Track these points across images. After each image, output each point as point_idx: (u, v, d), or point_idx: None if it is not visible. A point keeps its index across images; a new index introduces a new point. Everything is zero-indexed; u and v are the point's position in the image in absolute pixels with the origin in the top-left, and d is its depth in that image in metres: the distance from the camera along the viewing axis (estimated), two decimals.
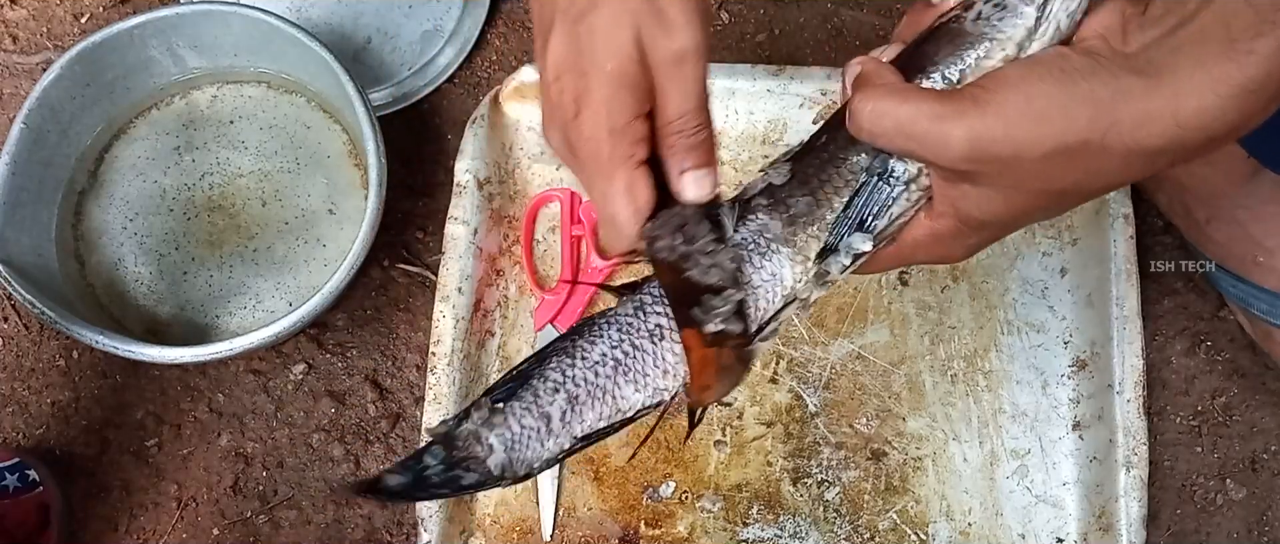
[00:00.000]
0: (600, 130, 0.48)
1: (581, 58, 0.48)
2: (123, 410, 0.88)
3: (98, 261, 0.89)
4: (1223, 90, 0.40)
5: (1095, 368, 0.81)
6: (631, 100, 0.48)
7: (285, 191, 0.90)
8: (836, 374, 0.83)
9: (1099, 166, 0.42)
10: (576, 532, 0.81)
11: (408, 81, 0.95)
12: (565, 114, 0.49)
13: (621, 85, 0.48)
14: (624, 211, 0.49)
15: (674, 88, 0.48)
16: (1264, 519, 0.84)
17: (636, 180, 0.49)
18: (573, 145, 0.50)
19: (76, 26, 1.00)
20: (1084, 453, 0.80)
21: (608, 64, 0.47)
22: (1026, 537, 0.80)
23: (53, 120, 0.85)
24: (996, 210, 0.46)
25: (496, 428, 0.51)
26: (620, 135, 0.48)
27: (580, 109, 0.48)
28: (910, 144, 0.45)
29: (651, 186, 0.50)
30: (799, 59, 0.96)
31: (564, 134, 0.50)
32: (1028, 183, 0.44)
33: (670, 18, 0.48)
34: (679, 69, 0.48)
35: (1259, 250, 0.82)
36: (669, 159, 0.50)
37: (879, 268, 0.52)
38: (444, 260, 0.81)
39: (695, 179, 0.50)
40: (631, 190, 0.49)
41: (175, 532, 0.86)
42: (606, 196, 0.50)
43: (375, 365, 0.89)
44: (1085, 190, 0.44)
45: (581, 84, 0.48)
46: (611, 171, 0.49)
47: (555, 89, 0.49)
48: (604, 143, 0.48)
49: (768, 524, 0.80)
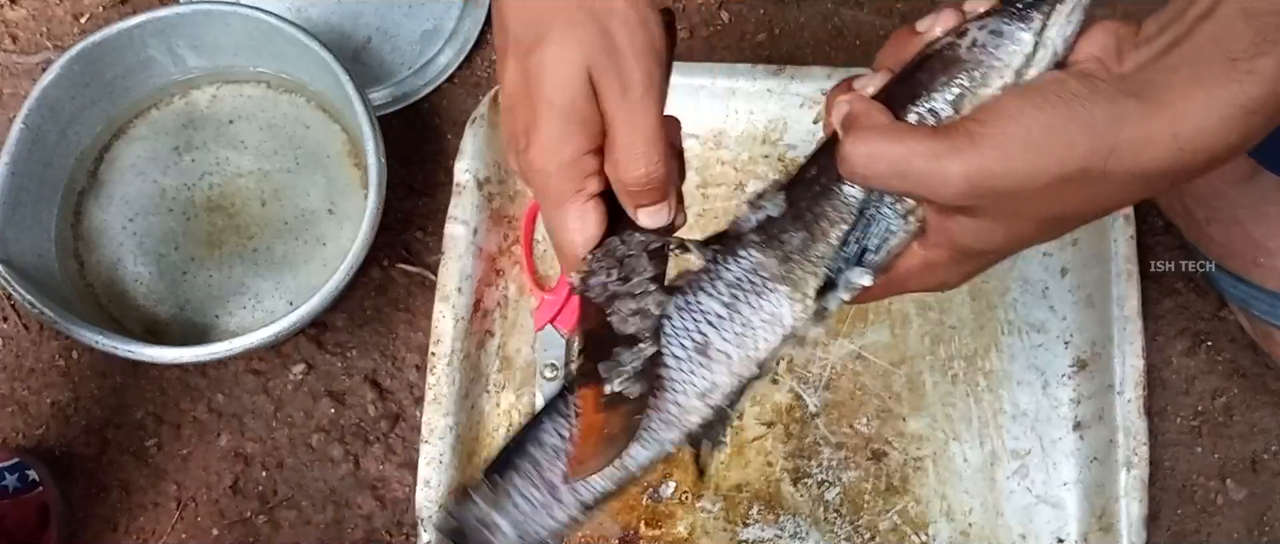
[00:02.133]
0: (549, 164, 0.48)
1: (532, 90, 0.48)
2: (122, 410, 0.88)
3: (98, 261, 0.89)
4: (1224, 111, 0.39)
5: (1096, 368, 0.81)
6: (580, 136, 0.48)
7: (285, 191, 0.90)
8: (837, 374, 0.83)
9: (1100, 192, 0.42)
10: (576, 532, 0.81)
11: (407, 81, 0.95)
12: (518, 144, 0.49)
13: (570, 120, 0.47)
14: (573, 240, 0.50)
15: (625, 126, 0.48)
16: (1264, 519, 0.84)
17: (587, 213, 0.49)
18: (525, 173, 0.50)
19: (76, 26, 1.00)
20: (1084, 453, 0.80)
21: (556, 98, 0.47)
22: (1027, 537, 0.80)
23: (53, 120, 0.85)
24: (996, 240, 0.45)
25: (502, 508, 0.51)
26: (569, 169, 0.48)
27: (530, 142, 0.48)
28: (907, 184, 0.43)
29: (602, 218, 0.50)
30: (799, 59, 0.96)
31: (518, 161, 0.50)
32: (1027, 212, 0.43)
33: (621, 52, 0.47)
34: (630, 106, 0.48)
35: (1259, 251, 0.81)
36: (621, 196, 0.50)
37: (871, 299, 0.51)
38: (444, 260, 0.81)
39: (649, 214, 0.50)
40: (580, 222, 0.50)
41: (175, 532, 0.86)
42: (558, 226, 0.50)
43: (375, 365, 0.89)
44: (1084, 215, 0.44)
45: (531, 117, 0.48)
46: (560, 204, 0.49)
47: (508, 120, 0.49)
48: (553, 177, 0.48)
49: (768, 524, 0.80)
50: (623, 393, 0.50)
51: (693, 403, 0.51)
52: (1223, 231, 0.83)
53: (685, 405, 0.51)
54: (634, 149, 0.48)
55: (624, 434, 0.51)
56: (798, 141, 0.87)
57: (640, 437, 0.51)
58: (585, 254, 0.50)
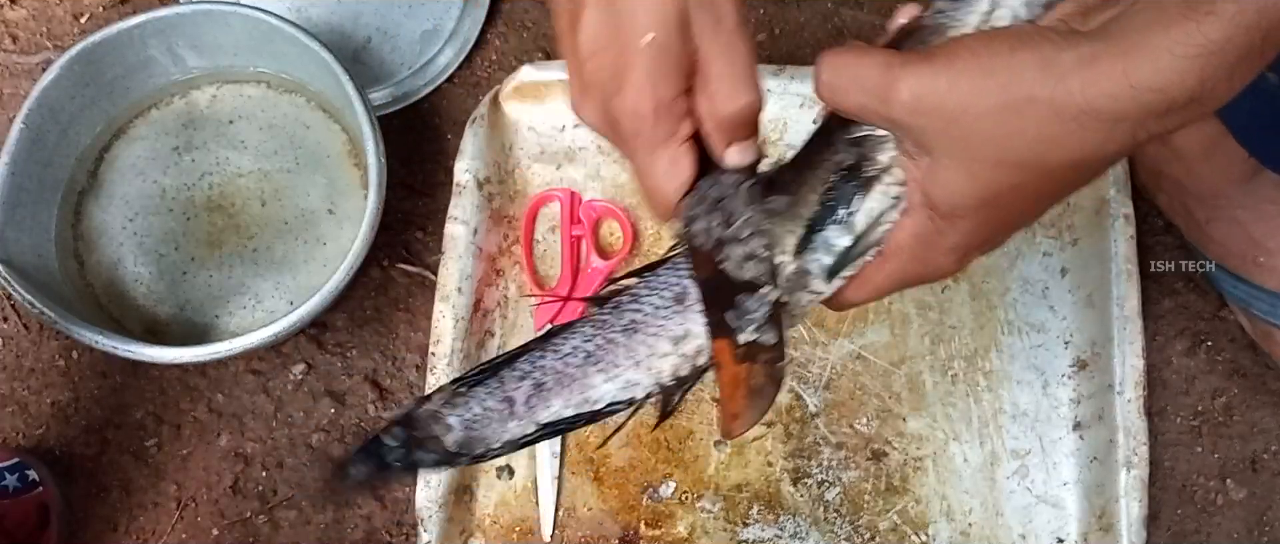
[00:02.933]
0: (645, 106, 0.47)
1: (621, 31, 0.46)
2: (123, 410, 0.88)
3: (98, 261, 0.89)
4: (1179, 51, 0.38)
5: (1096, 368, 0.81)
6: (676, 75, 0.47)
7: (285, 191, 0.90)
8: (837, 374, 0.83)
9: (1052, 133, 0.41)
10: (576, 532, 0.81)
11: (408, 81, 0.95)
12: (605, 90, 0.48)
13: (666, 60, 0.46)
14: (667, 186, 0.49)
15: (722, 59, 0.47)
16: (1264, 519, 0.84)
17: (680, 156, 0.48)
18: (615, 121, 0.48)
19: (76, 26, 1.00)
20: (1084, 453, 0.80)
21: (649, 36, 0.46)
22: (1027, 537, 0.80)
23: (53, 120, 0.85)
24: (962, 190, 0.45)
25: (457, 408, 0.51)
26: (666, 111, 0.47)
27: (622, 84, 0.47)
28: (862, 97, 0.45)
29: (696, 160, 0.49)
30: (799, 59, 0.96)
31: (604, 110, 0.48)
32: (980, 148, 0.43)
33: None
34: (727, 38, 0.47)
35: (1259, 250, 0.81)
36: (713, 133, 0.49)
37: (874, 288, 0.51)
38: (444, 260, 0.81)
39: (740, 150, 0.49)
40: (675, 166, 0.49)
41: (175, 532, 0.86)
42: (649, 172, 0.49)
43: (375, 365, 0.89)
44: (1048, 166, 0.43)
45: (622, 59, 0.47)
46: (655, 147, 0.48)
47: (592, 65, 0.47)
48: (648, 120, 0.47)
49: (768, 524, 0.80)
50: (758, 341, 0.50)
51: (664, 346, 0.51)
52: (1223, 231, 0.83)
53: (656, 348, 0.51)
54: (735, 81, 0.47)
55: (771, 382, 0.51)
56: (797, 141, 0.86)
57: (606, 372, 0.51)
58: (678, 199, 0.50)
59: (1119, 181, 0.81)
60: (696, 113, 0.48)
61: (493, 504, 0.81)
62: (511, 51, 0.98)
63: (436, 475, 0.77)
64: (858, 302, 0.52)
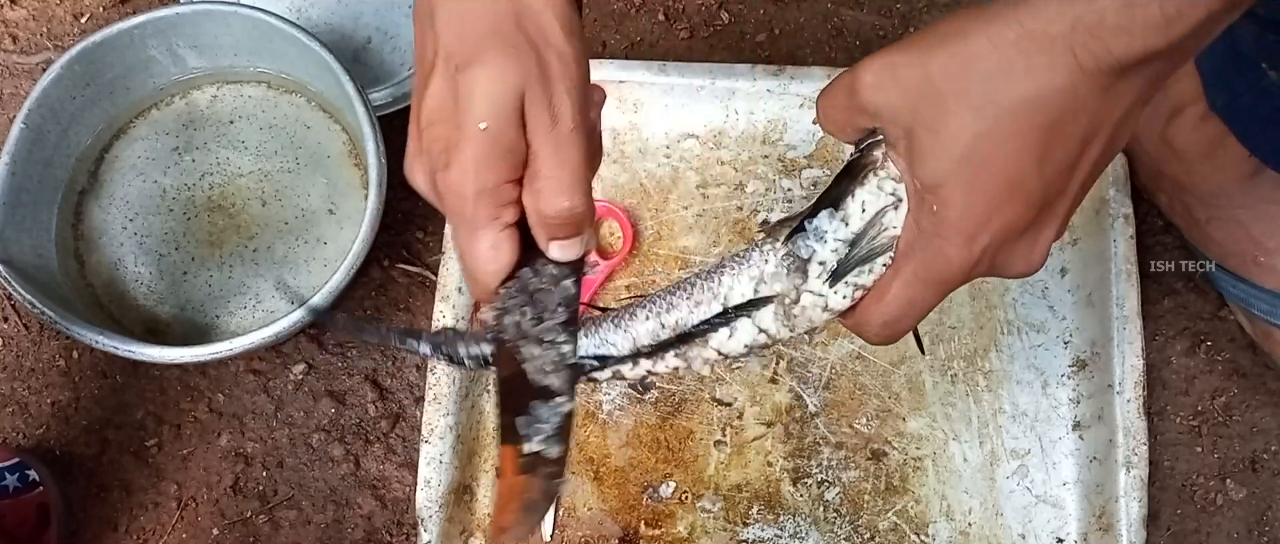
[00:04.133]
0: (468, 188, 0.47)
1: (458, 110, 0.47)
2: (123, 410, 0.88)
3: (98, 261, 0.89)
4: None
5: (1095, 368, 0.81)
6: (503, 164, 0.47)
7: (285, 191, 0.90)
8: (836, 374, 0.83)
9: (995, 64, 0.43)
10: (576, 532, 0.81)
11: (408, 81, 0.95)
12: (434, 163, 0.48)
13: (496, 147, 0.46)
14: (484, 268, 0.49)
15: (552, 160, 0.47)
16: (1264, 519, 0.84)
17: (500, 242, 0.49)
18: (440, 194, 0.49)
19: (76, 26, 1.00)
20: (1084, 453, 0.80)
21: (484, 122, 0.46)
22: (1026, 537, 0.80)
23: (53, 120, 0.85)
24: (936, 151, 0.45)
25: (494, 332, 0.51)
26: (488, 197, 0.47)
27: (450, 162, 0.47)
28: (840, 104, 0.47)
29: (516, 247, 0.49)
30: (799, 59, 0.96)
31: (431, 181, 0.49)
32: (940, 103, 0.44)
33: (555, 84, 0.47)
34: (560, 140, 0.47)
35: (1259, 250, 0.82)
36: (537, 228, 0.49)
37: (893, 299, 0.49)
38: (444, 260, 0.81)
39: (563, 247, 0.50)
40: (494, 250, 0.49)
41: (175, 532, 0.86)
42: (467, 251, 0.49)
43: (375, 365, 0.89)
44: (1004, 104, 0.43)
45: (454, 137, 0.47)
46: (474, 230, 0.48)
47: (428, 135, 0.48)
48: (470, 202, 0.47)
49: (768, 524, 0.80)
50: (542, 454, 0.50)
51: (648, 327, 0.52)
52: (1223, 231, 0.83)
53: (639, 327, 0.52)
54: (560, 183, 0.47)
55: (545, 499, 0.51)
56: (797, 141, 0.87)
57: (591, 332, 0.52)
58: (497, 283, 0.50)
59: (1119, 181, 0.81)
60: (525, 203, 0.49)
61: (493, 504, 0.82)
62: None
63: (436, 475, 0.77)
64: (883, 320, 0.50)
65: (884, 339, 0.51)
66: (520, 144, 0.47)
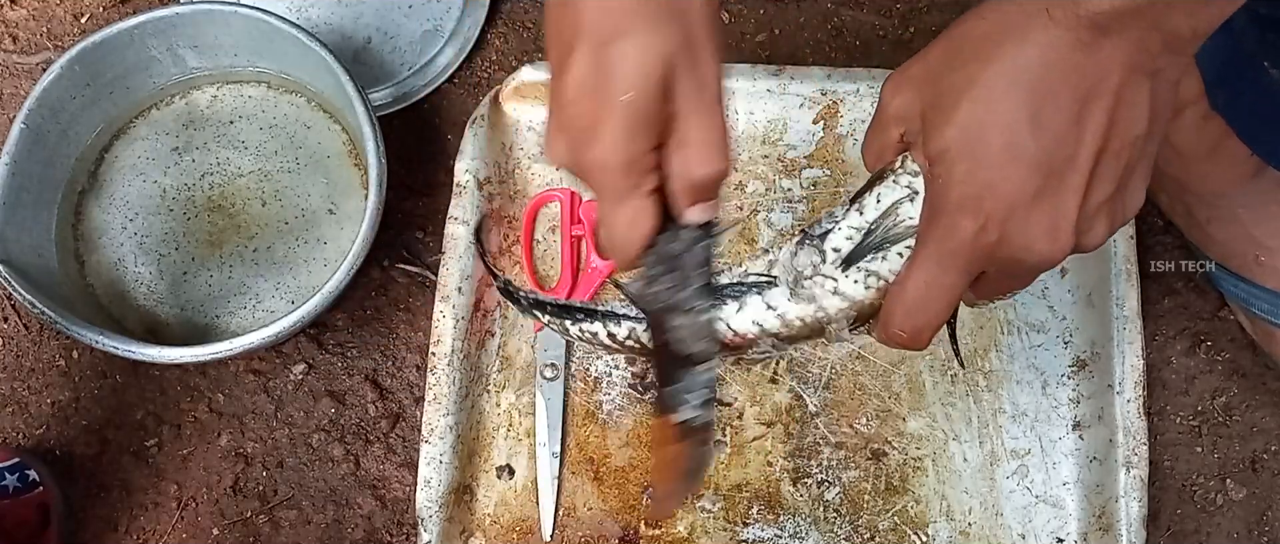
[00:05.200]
0: (615, 159, 0.48)
1: (604, 83, 0.47)
2: (123, 410, 0.88)
3: (98, 261, 0.89)
4: None
5: (1095, 368, 0.81)
6: (649, 133, 0.48)
7: (285, 191, 0.90)
8: (836, 374, 0.83)
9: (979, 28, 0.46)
10: (576, 532, 0.81)
11: (408, 81, 0.95)
12: (580, 138, 0.48)
13: (642, 117, 0.47)
14: (628, 237, 0.50)
15: (700, 126, 0.48)
16: (1264, 519, 0.84)
17: (643, 209, 0.50)
18: (584, 168, 0.49)
19: (76, 26, 1.00)
20: (1084, 453, 0.80)
21: (629, 93, 0.47)
22: (1026, 537, 0.80)
23: (53, 120, 0.85)
24: (937, 120, 0.47)
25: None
26: (634, 166, 0.48)
27: (596, 136, 0.48)
28: (872, 122, 0.51)
29: (659, 214, 0.50)
30: (799, 59, 0.96)
31: (575, 155, 0.49)
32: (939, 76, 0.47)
33: (700, 52, 0.48)
34: (708, 106, 0.48)
35: (1260, 250, 0.81)
36: (680, 192, 0.50)
37: (912, 289, 0.50)
38: (444, 260, 0.81)
39: (702, 210, 0.51)
40: (638, 218, 0.50)
41: (175, 532, 0.86)
42: (612, 221, 0.50)
43: (375, 365, 0.89)
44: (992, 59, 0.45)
45: (601, 111, 0.47)
46: (620, 198, 0.49)
47: (571, 110, 0.48)
48: (617, 172, 0.48)
49: (768, 524, 0.80)
50: (693, 421, 0.51)
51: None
52: (1223, 230, 0.83)
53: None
54: (709, 147, 0.48)
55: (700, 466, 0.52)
56: (798, 141, 0.87)
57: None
58: (639, 251, 0.51)
59: None
60: (665, 168, 0.50)
61: (493, 504, 0.82)
62: (511, 51, 0.98)
63: (436, 475, 0.77)
64: (904, 309, 0.50)
65: (910, 334, 0.51)
66: (663, 114, 0.48)
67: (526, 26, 0.98)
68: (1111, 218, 0.48)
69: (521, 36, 0.98)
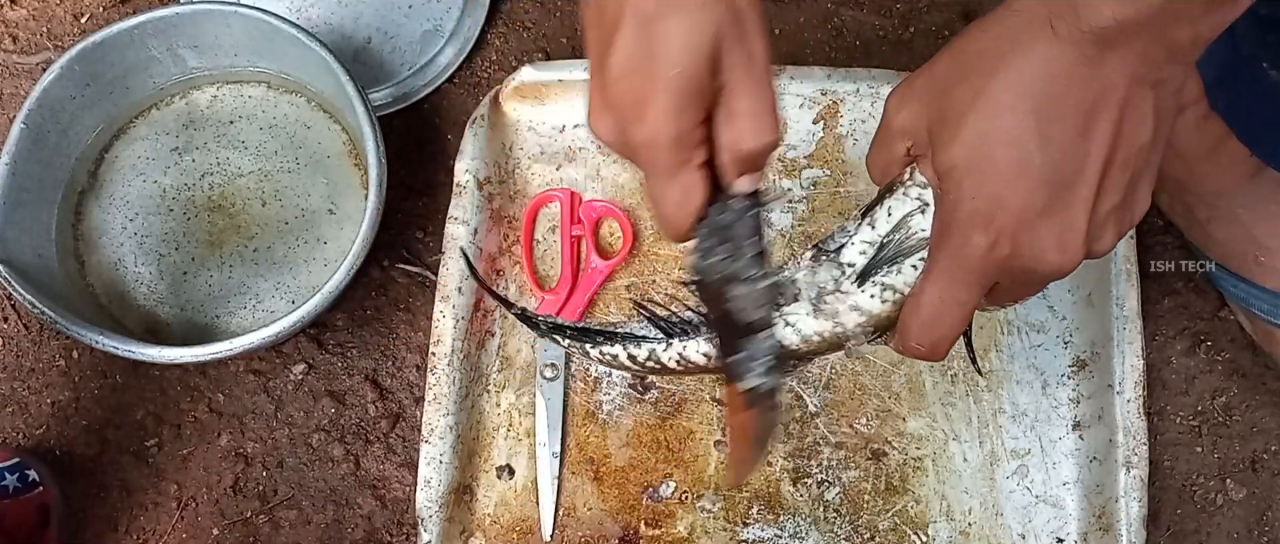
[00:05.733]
0: (664, 135, 0.48)
1: (652, 60, 0.47)
2: (123, 410, 0.88)
3: (98, 261, 0.89)
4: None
5: (1095, 368, 0.81)
6: (698, 108, 0.48)
7: (285, 191, 0.90)
8: (836, 374, 0.83)
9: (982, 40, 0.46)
10: (576, 532, 0.81)
11: (408, 81, 0.95)
12: (627, 115, 0.49)
13: (692, 92, 0.47)
14: (680, 212, 0.51)
15: (751, 97, 0.49)
16: (1264, 519, 0.84)
17: (693, 183, 0.50)
18: (633, 145, 0.49)
19: (76, 26, 1.00)
20: (1084, 453, 0.80)
21: (677, 68, 0.47)
22: (1026, 537, 0.80)
23: (53, 120, 0.85)
24: (946, 135, 0.47)
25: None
26: (684, 141, 0.49)
27: (644, 113, 0.48)
28: (877, 136, 0.51)
29: (709, 186, 0.50)
30: (799, 59, 0.96)
31: (623, 133, 0.50)
32: (944, 92, 0.47)
33: (747, 25, 0.48)
34: (758, 77, 0.49)
35: (1260, 250, 0.82)
36: (729, 164, 0.50)
37: (928, 302, 0.50)
38: (444, 260, 0.81)
39: (751, 179, 0.51)
40: (689, 193, 0.50)
41: (175, 532, 0.86)
42: (663, 197, 0.50)
43: (375, 365, 0.89)
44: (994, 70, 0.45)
45: (649, 88, 0.48)
46: (671, 174, 0.50)
47: (619, 88, 0.48)
48: (666, 148, 0.49)
49: (768, 524, 0.80)
50: (760, 388, 0.52)
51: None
52: (1224, 230, 0.83)
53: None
54: (762, 118, 0.49)
55: (768, 431, 0.53)
56: (798, 141, 0.87)
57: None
58: (691, 224, 0.51)
59: None
60: (714, 140, 0.50)
61: (493, 504, 0.82)
62: (511, 51, 0.98)
63: (436, 475, 0.77)
64: (920, 322, 0.51)
65: (928, 347, 0.51)
66: (710, 88, 0.48)
67: (527, 26, 0.98)
68: (1119, 225, 0.49)
69: (521, 36, 0.98)
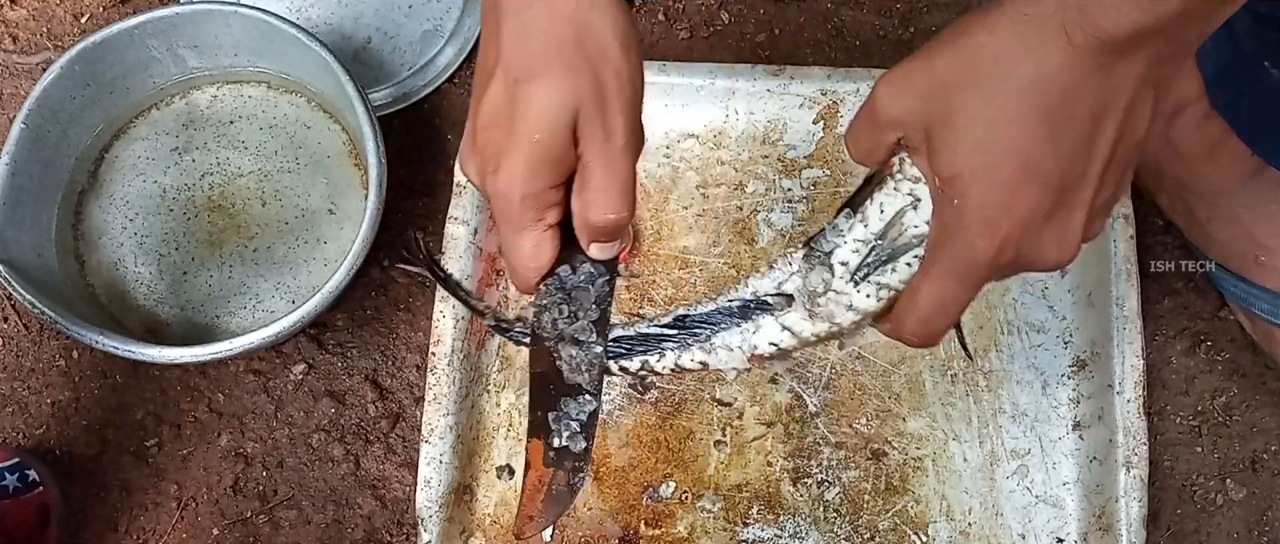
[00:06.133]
0: (515, 192, 0.49)
1: (513, 119, 0.48)
2: (123, 410, 0.88)
3: (98, 261, 0.89)
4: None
5: (1095, 368, 0.81)
6: (551, 173, 0.49)
7: (285, 191, 0.90)
8: (836, 374, 0.83)
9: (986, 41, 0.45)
10: (576, 532, 0.81)
11: (408, 81, 0.95)
12: (487, 164, 0.50)
13: (546, 159, 0.48)
14: (526, 266, 0.52)
15: (602, 173, 0.49)
16: (1264, 519, 0.84)
17: (542, 241, 0.51)
18: (488, 193, 0.51)
19: (76, 26, 1.00)
20: (1084, 453, 0.80)
21: (536, 134, 0.48)
22: (1026, 537, 0.80)
23: (53, 120, 0.85)
24: (949, 139, 0.46)
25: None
26: (533, 201, 0.49)
27: (500, 167, 0.49)
28: (862, 118, 0.50)
29: (556, 247, 0.52)
30: (799, 59, 0.96)
31: (482, 178, 0.51)
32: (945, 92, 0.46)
33: (610, 103, 0.48)
34: (612, 155, 0.49)
35: (1261, 250, 0.82)
36: (581, 231, 0.51)
37: (924, 299, 0.50)
38: (444, 260, 0.81)
39: (603, 249, 0.52)
40: (536, 249, 0.51)
41: (175, 532, 0.86)
42: (512, 249, 0.51)
43: (375, 365, 0.89)
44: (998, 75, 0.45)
45: (507, 143, 0.48)
46: (519, 229, 0.51)
47: (483, 137, 0.50)
48: (518, 205, 0.49)
49: (768, 524, 0.80)
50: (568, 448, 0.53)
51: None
52: (1224, 230, 0.83)
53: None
54: (608, 195, 0.49)
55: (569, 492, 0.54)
56: (797, 141, 0.87)
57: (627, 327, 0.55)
58: (537, 279, 0.53)
59: None
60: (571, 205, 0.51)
61: (493, 504, 0.82)
62: None
63: (436, 475, 0.77)
64: (917, 319, 0.51)
65: (921, 340, 0.52)
66: (569, 155, 0.49)
67: None
68: (1109, 211, 0.49)
69: None
